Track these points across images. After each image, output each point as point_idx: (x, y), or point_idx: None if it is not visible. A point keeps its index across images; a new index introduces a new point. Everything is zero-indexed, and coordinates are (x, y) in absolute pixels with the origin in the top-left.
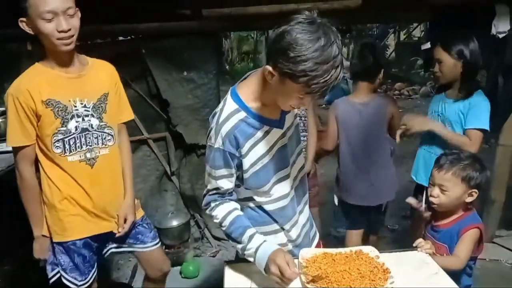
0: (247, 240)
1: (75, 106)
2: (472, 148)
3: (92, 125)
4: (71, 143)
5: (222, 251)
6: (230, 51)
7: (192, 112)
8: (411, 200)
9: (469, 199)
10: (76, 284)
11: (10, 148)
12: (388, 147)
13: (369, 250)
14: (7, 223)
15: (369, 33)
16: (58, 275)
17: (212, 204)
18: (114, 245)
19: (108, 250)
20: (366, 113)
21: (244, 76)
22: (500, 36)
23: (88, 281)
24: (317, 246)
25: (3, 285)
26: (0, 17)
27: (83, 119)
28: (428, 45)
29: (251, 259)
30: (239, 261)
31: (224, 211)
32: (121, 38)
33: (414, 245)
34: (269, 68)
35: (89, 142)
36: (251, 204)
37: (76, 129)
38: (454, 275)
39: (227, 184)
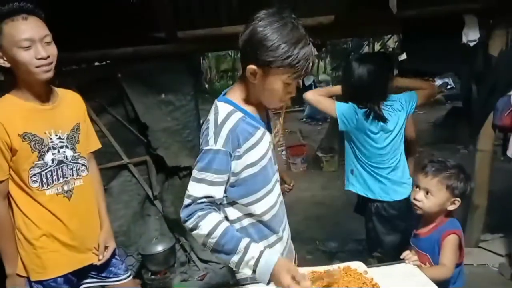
0: (242, 250)
1: (51, 138)
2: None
3: (67, 156)
4: (48, 176)
5: (209, 274)
6: (209, 70)
7: (171, 134)
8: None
9: (451, 207)
10: None
11: None
12: None
13: (357, 266)
14: None
15: (343, 47)
16: None
17: (199, 213)
18: (89, 279)
19: (81, 285)
20: None
21: (224, 91)
22: (471, 44)
23: None
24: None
25: None
26: None
27: (58, 151)
28: (404, 56)
29: (249, 272)
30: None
31: (213, 222)
32: (96, 63)
33: (401, 257)
34: (252, 66)
35: (65, 174)
36: (247, 221)
37: (53, 162)
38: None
39: (219, 193)
